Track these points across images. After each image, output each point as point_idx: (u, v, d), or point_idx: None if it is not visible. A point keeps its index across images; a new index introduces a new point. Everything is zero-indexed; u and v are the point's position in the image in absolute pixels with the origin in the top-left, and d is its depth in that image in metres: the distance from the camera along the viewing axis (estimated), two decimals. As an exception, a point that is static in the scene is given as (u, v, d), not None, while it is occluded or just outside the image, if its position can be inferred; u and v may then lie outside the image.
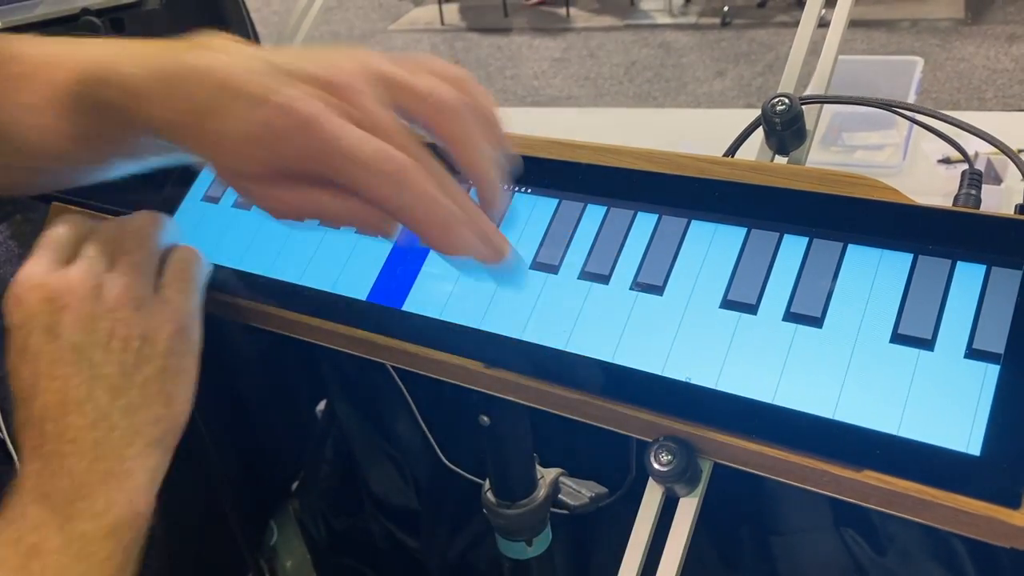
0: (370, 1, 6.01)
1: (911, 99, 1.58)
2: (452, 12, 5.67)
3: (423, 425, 1.07)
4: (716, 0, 5.08)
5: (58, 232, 0.49)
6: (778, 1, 4.97)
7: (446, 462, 1.06)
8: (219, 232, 0.60)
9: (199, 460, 1.36)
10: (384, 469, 1.59)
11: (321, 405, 1.63)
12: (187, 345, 0.47)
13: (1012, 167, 1.38)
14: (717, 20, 4.92)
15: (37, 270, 0.46)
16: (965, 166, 0.52)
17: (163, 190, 0.64)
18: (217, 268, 0.59)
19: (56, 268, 0.46)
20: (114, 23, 0.99)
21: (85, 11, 0.95)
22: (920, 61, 1.65)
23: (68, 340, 0.44)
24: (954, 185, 0.51)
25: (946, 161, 1.54)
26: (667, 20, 5.11)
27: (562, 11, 5.39)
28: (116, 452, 0.43)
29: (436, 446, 1.08)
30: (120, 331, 0.45)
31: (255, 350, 1.50)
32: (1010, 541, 0.37)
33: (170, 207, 0.63)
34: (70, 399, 0.43)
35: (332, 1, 6.19)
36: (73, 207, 0.67)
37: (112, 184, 0.68)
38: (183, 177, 0.64)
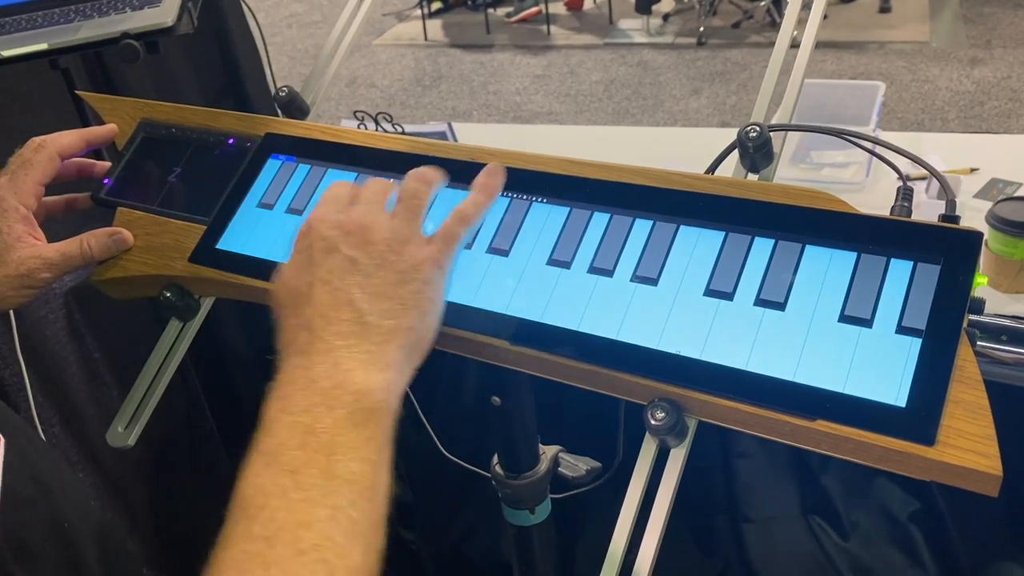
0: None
1: (873, 120, 1.70)
2: (435, 28, 5.78)
3: (424, 420, 1.14)
4: (692, 21, 5.24)
5: (336, 189, 0.58)
6: (752, 23, 5.13)
7: (446, 453, 1.14)
8: (274, 234, 0.70)
9: (211, 461, 1.45)
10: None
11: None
12: (440, 281, 0.54)
13: (965, 183, 1.51)
14: (693, 40, 5.07)
15: (324, 212, 0.55)
16: (923, 182, 0.63)
17: (219, 198, 0.74)
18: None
19: (339, 212, 0.55)
20: (149, 46, 1.08)
21: (125, 35, 1.05)
22: (882, 86, 1.78)
23: (346, 254, 0.52)
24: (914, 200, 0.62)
25: (906, 177, 1.67)
26: (645, 39, 5.25)
27: (543, 29, 5.52)
28: (376, 343, 0.50)
29: (436, 439, 1.15)
30: (390, 257, 0.53)
31: (253, 348, 1.59)
32: (928, 474, 0.48)
33: (228, 214, 0.73)
34: (340, 299, 0.51)
35: (316, 15, 6.28)
36: (138, 211, 0.76)
37: (172, 191, 0.77)
38: (239, 185, 0.74)
